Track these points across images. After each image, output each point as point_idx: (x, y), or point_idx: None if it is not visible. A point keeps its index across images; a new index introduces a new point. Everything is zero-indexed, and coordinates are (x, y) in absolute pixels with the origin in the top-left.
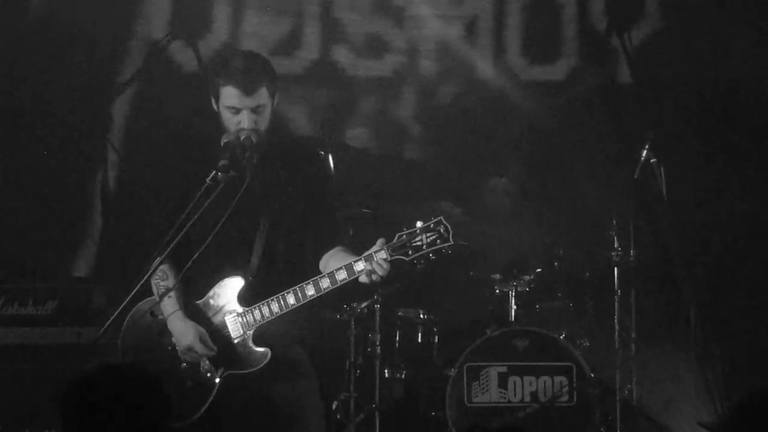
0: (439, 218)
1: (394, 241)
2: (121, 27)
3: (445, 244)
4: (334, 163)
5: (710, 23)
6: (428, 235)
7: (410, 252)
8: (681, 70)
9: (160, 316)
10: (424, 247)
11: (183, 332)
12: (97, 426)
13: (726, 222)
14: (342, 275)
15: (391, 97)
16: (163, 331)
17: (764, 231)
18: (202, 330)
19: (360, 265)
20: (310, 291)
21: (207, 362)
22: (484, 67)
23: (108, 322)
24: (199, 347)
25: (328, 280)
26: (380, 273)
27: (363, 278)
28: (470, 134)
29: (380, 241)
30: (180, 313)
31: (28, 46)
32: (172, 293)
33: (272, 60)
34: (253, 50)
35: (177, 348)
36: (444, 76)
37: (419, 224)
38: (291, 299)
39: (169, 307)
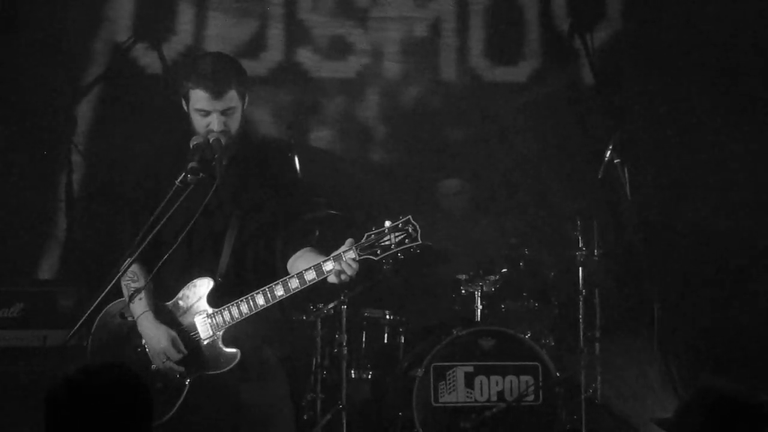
0: (407, 217)
1: (363, 240)
2: (85, 29)
3: (414, 243)
4: (299, 165)
5: (670, 23)
6: (397, 234)
7: (379, 251)
8: (642, 71)
9: (130, 318)
10: (393, 246)
11: (154, 336)
12: (79, 426)
13: (689, 220)
14: (311, 275)
15: (355, 98)
16: (133, 332)
17: (726, 230)
18: (173, 333)
19: (329, 265)
20: (279, 291)
21: (176, 364)
22: (448, 69)
23: (78, 324)
24: (171, 352)
25: (297, 281)
26: (349, 273)
27: (332, 278)
28: (433, 135)
29: (349, 241)
30: (150, 315)
31: None
32: (142, 294)
33: None
34: (222, 52)
35: (148, 351)
36: (408, 77)
37: (388, 224)
38: (260, 300)
39: (139, 308)
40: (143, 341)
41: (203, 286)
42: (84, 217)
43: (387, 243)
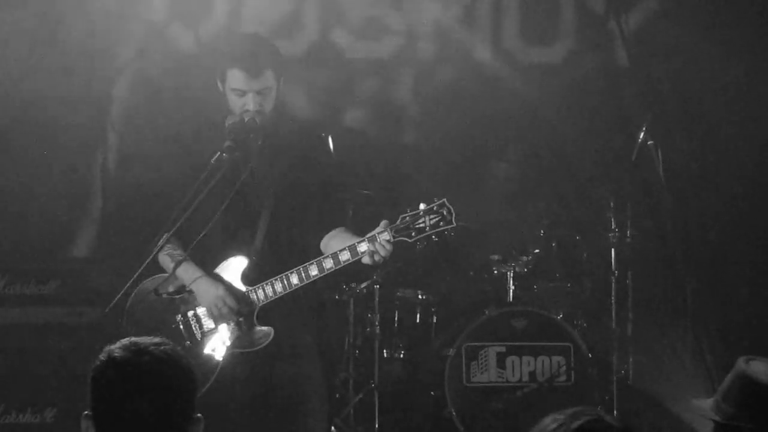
0: (442, 200)
1: (398, 222)
2: (121, 8)
3: (449, 226)
4: (333, 145)
5: (707, 6)
6: (431, 217)
7: (413, 234)
8: (678, 54)
9: (165, 294)
10: (428, 228)
11: (213, 286)
12: (127, 404)
13: (722, 203)
14: (345, 256)
15: (389, 79)
16: (167, 309)
17: (760, 211)
18: (230, 285)
19: (363, 246)
20: (314, 271)
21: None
22: (482, 50)
23: (114, 300)
24: (229, 300)
25: (332, 261)
26: (383, 254)
27: (366, 259)
28: (468, 116)
29: (383, 223)
30: (206, 275)
31: (27, 28)
32: (190, 261)
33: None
34: (258, 33)
35: (204, 304)
36: (442, 58)
37: (422, 206)
38: (294, 279)
39: (194, 271)
40: (178, 317)
41: (238, 264)
42: (119, 195)
43: (422, 225)
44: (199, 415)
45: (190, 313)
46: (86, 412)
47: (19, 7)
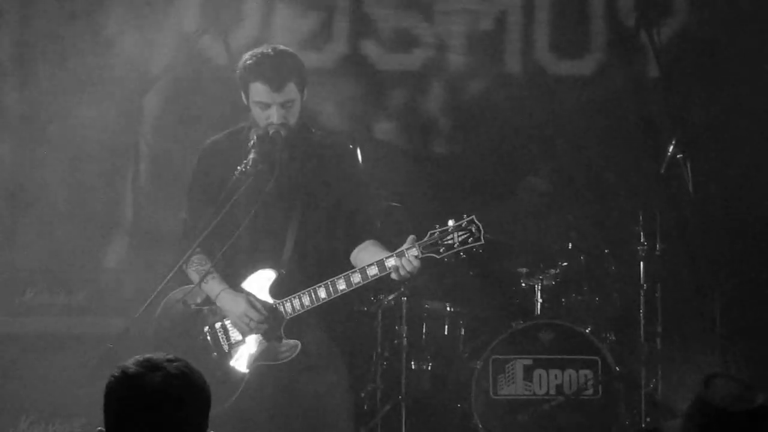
0: (471, 217)
1: (426, 238)
2: (152, 19)
3: (477, 243)
4: (362, 157)
5: (738, 19)
6: (460, 234)
7: (442, 250)
8: (709, 66)
9: (193, 305)
10: (456, 245)
11: (234, 303)
12: (138, 421)
13: (752, 219)
14: (373, 271)
15: (419, 91)
16: (195, 320)
17: None
18: (252, 297)
19: (391, 262)
20: (342, 286)
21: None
22: (513, 62)
23: (141, 310)
24: (253, 314)
25: (360, 276)
26: (409, 269)
27: (393, 275)
28: (498, 129)
29: (411, 239)
30: (229, 289)
31: (62, 37)
32: (215, 275)
33: (302, 54)
34: (281, 46)
35: (231, 319)
36: (472, 70)
37: (451, 223)
38: (322, 293)
39: (217, 286)
40: (206, 329)
41: (266, 277)
42: (150, 207)
43: (450, 242)
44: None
45: (218, 325)
46: (100, 428)
47: (54, 14)
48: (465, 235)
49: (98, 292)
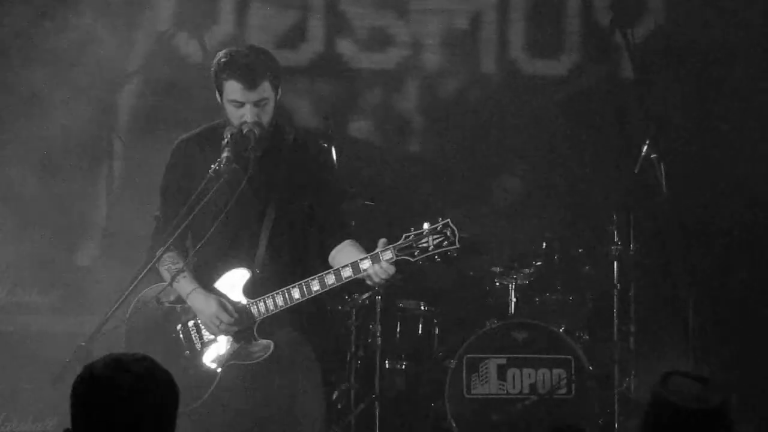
0: (446, 221)
1: (401, 241)
2: (127, 17)
3: (452, 247)
4: (337, 155)
5: (712, 19)
6: (435, 237)
7: (416, 253)
8: (683, 66)
9: (167, 303)
10: (431, 248)
11: (205, 304)
12: (106, 421)
13: (725, 218)
14: (347, 273)
15: (394, 90)
16: (168, 318)
17: (763, 226)
18: (223, 300)
19: (366, 264)
20: (315, 287)
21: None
22: (488, 61)
23: (112, 309)
24: (224, 316)
25: (334, 277)
26: (384, 277)
27: (368, 281)
28: (473, 128)
29: (382, 242)
30: (200, 289)
31: (35, 35)
32: (186, 274)
33: (278, 53)
34: (256, 45)
35: (201, 320)
36: (447, 69)
37: (426, 226)
38: (296, 294)
39: (187, 286)
40: (178, 327)
41: (239, 276)
42: (122, 205)
43: (425, 245)
44: None
45: (191, 323)
46: (66, 428)
47: (24, 12)
48: (440, 239)
49: (72, 291)
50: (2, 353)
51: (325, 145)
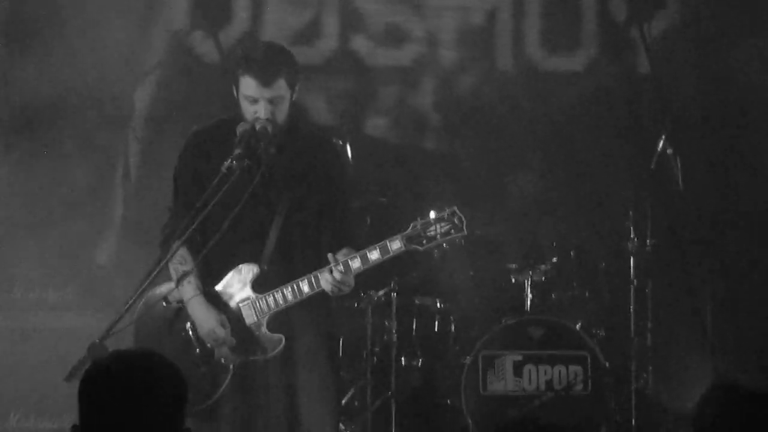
0: (453, 208)
1: (409, 230)
2: (142, 16)
3: (459, 234)
4: (352, 153)
5: (729, 15)
6: (442, 225)
7: (425, 241)
8: (699, 62)
9: (175, 303)
10: (438, 237)
11: (204, 317)
12: (113, 416)
13: (742, 214)
14: (356, 264)
15: (410, 86)
16: (177, 317)
17: None
18: (223, 316)
19: (374, 254)
20: None
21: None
22: (503, 57)
23: (126, 308)
24: (220, 331)
25: (342, 269)
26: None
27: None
28: (489, 124)
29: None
30: (201, 298)
31: (51, 35)
32: (191, 278)
33: (292, 49)
34: (274, 41)
35: (199, 333)
36: (463, 66)
37: (433, 214)
38: (305, 287)
39: (189, 292)
40: (188, 325)
41: (248, 271)
42: (139, 203)
43: (432, 234)
44: (188, 427)
45: None
46: (74, 424)
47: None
48: (447, 227)
49: (88, 289)
50: (19, 350)
51: (340, 142)
